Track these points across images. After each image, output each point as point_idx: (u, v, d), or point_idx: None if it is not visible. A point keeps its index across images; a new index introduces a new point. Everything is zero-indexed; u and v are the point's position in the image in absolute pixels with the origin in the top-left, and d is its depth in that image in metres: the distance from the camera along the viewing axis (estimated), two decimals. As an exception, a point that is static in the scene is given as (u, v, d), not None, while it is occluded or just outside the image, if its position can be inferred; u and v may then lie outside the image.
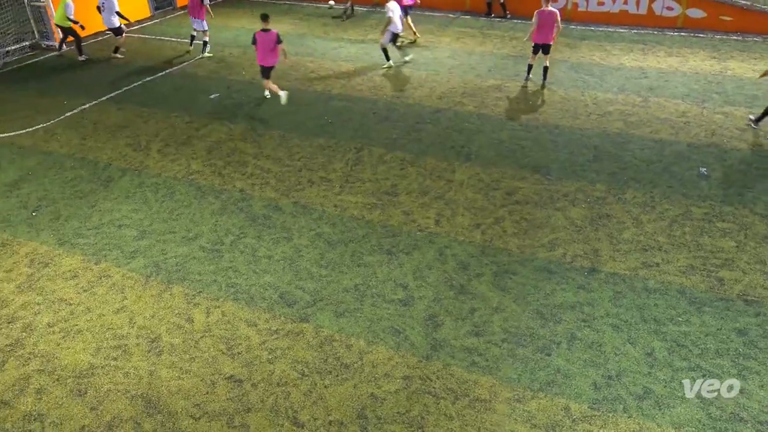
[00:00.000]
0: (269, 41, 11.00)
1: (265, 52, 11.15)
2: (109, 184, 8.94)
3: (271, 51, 11.16)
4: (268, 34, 10.97)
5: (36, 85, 13.06)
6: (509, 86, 12.72)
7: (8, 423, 5.11)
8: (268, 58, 11.24)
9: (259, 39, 11.06)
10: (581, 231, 7.70)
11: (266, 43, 11.00)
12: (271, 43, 11.00)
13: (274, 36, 10.99)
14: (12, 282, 6.85)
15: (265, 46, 11.04)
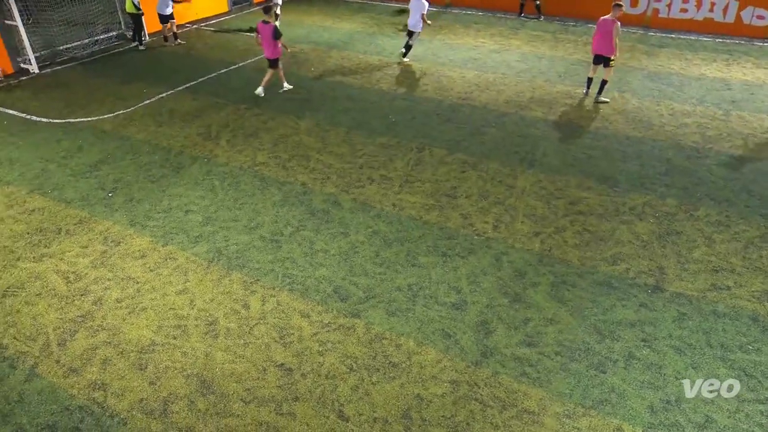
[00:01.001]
0: (267, 34, 11.22)
1: (264, 42, 11.46)
2: (180, 171, 9.35)
3: (270, 43, 11.33)
4: (266, 26, 11.16)
5: (119, 74, 13.82)
6: (580, 93, 12.35)
7: (75, 389, 5.44)
8: (268, 50, 11.55)
9: (260, 30, 11.37)
10: (647, 247, 7.38)
11: (264, 35, 11.32)
12: (267, 35, 11.22)
13: (271, 30, 11.15)
14: (87, 257, 7.29)
15: (263, 38, 11.37)
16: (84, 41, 15.49)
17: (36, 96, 12.47)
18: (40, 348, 5.90)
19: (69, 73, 13.92)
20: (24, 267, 7.10)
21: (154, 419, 5.13)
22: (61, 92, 12.67)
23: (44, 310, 6.41)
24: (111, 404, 5.28)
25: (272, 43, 11.27)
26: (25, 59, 13.86)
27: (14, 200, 8.51)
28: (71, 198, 8.56)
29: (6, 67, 13.66)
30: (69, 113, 11.54)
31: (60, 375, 5.58)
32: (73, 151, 9.97)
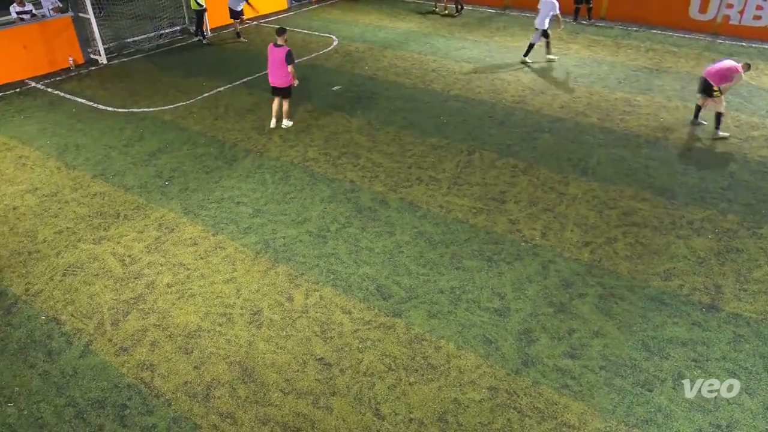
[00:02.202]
0: (278, 58, 9.81)
1: (274, 68, 9.99)
2: (233, 163, 9.59)
3: (280, 69, 9.91)
4: (278, 49, 9.76)
5: (181, 67, 14.31)
6: (639, 100, 11.94)
7: (125, 368, 5.68)
8: (278, 76, 10.05)
9: (270, 54, 9.94)
10: (704, 263, 7.07)
11: (276, 58, 9.85)
12: (279, 59, 9.79)
13: (284, 54, 9.72)
14: (142, 242, 7.58)
15: (274, 62, 9.91)
16: (150, 35, 16.13)
17: (103, 86, 13.07)
18: (94, 326, 6.19)
19: (134, 65, 14.51)
20: (84, 248, 7.46)
21: (197, 403, 5.29)
22: (126, 83, 13.23)
23: (100, 290, 6.71)
24: (157, 385, 5.48)
25: (283, 69, 9.90)
26: (95, 50, 14.56)
27: (79, 184, 8.95)
28: (131, 184, 8.93)
29: (77, 58, 14.37)
30: (132, 103, 12.04)
31: (112, 353, 5.84)
32: (134, 140, 10.39)
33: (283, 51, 9.68)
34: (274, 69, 9.97)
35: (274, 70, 10.00)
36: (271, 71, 10.05)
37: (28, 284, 6.82)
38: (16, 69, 13.28)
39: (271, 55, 9.90)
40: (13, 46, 13.14)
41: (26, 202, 8.49)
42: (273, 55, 9.86)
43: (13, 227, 7.91)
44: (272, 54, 9.88)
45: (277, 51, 9.78)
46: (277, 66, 9.88)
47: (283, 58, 9.74)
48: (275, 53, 9.82)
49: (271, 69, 10.02)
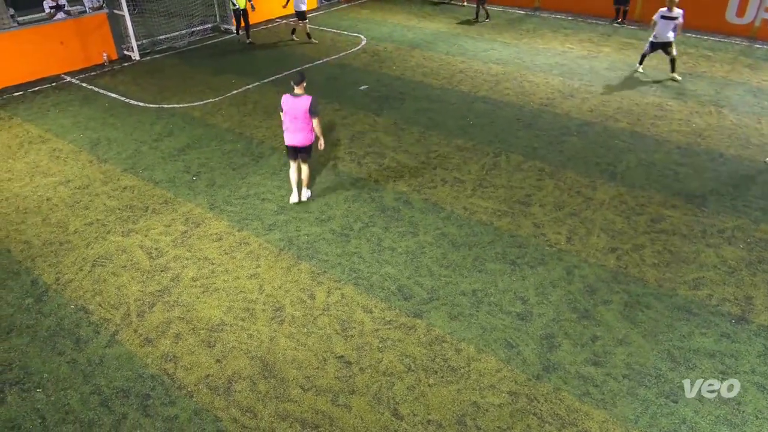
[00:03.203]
0: (300, 111, 7.60)
1: (293, 125, 7.74)
2: (260, 160, 9.69)
3: (302, 125, 7.71)
4: (298, 100, 7.58)
5: (211, 64, 14.51)
6: (671, 105, 11.70)
7: (149, 359, 5.78)
8: (298, 134, 7.79)
9: (286, 107, 7.68)
10: (734, 273, 6.89)
11: (295, 112, 7.64)
12: (301, 113, 7.62)
13: (307, 104, 7.57)
14: (169, 236, 7.72)
15: (294, 117, 7.67)
16: (181, 32, 16.40)
17: (135, 81, 13.34)
18: (121, 316, 6.32)
19: (166, 62, 14.77)
20: (113, 240, 7.62)
21: (218, 396, 5.36)
22: (158, 79, 13.47)
23: (128, 281, 6.85)
24: (180, 377, 5.57)
25: (306, 124, 7.71)
26: (129, 47, 14.86)
27: (110, 177, 9.15)
28: (159, 179, 9.09)
29: (111, 53, 14.70)
30: (163, 99, 12.26)
31: (137, 344, 5.95)
32: (164, 135, 10.58)
33: (305, 102, 7.58)
34: (293, 124, 7.73)
35: (293, 126, 7.75)
36: (289, 127, 7.78)
37: (59, 274, 7.00)
38: (53, 64, 13.65)
39: (287, 108, 7.66)
40: (50, 42, 13.50)
41: (59, 194, 8.71)
42: (291, 108, 7.63)
43: (46, 218, 8.12)
44: (289, 106, 7.64)
45: (296, 102, 7.59)
46: (298, 120, 7.67)
47: (306, 111, 7.60)
48: (294, 105, 7.60)
49: (289, 124, 7.76)
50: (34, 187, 8.92)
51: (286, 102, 7.67)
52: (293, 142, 7.89)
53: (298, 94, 7.61)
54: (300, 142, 7.87)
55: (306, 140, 7.88)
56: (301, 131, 7.78)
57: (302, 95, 7.61)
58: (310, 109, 7.60)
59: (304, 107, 7.58)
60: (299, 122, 7.68)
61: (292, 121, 7.71)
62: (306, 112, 7.61)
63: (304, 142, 7.90)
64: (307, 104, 7.59)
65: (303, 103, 7.58)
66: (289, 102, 7.65)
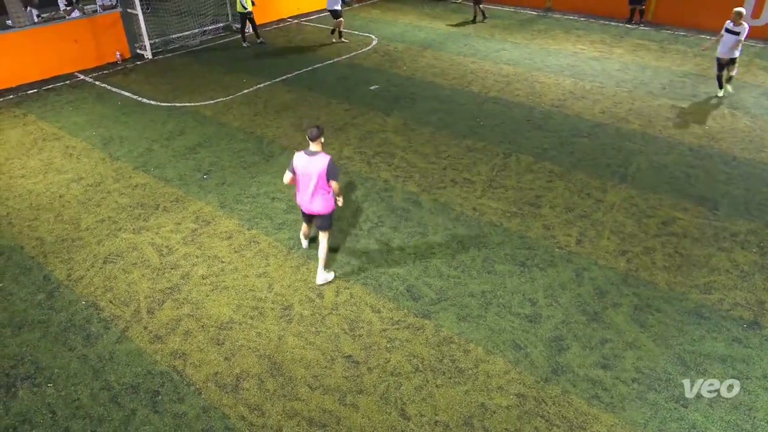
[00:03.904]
0: (315, 173, 6.15)
1: (308, 188, 6.30)
2: (270, 159, 9.73)
3: (319, 189, 6.28)
4: (313, 159, 6.15)
5: (223, 63, 14.59)
6: (684, 107, 11.60)
7: (159, 355, 5.82)
8: (315, 200, 6.36)
9: (299, 167, 6.24)
10: (747, 278, 6.82)
11: (310, 175, 6.19)
12: (317, 176, 6.17)
13: (324, 166, 6.14)
14: (179, 234, 7.77)
15: (309, 180, 6.23)
16: (194, 31, 16.50)
17: (147, 80, 13.44)
18: (131, 313, 6.37)
19: (178, 61, 14.87)
20: (124, 237, 7.68)
21: (226, 393, 5.39)
22: (170, 78, 13.57)
23: (138, 278, 6.91)
24: (189, 374, 5.60)
25: (322, 188, 6.29)
26: (141, 45, 14.98)
27: (121, 175, 9.23)
28: (170, 177, 9.15)
29: (124, 52, 14.82)
30: (174, 98, 12.34)
31: (146, 340, 6.00)
32: (175, 134, 10.65)
33: (321, 162, 6.14)
34: (307, 188, 6.30)
35: (307, 190, 6.32)
36: (303, 191, 6.37)
37: (70, 270, 7.07)
38: (67, 62, 13.79)
39: (300, 168, 6.24)
40: (65, 41, 13.64)
41: (71, 191, 8.80)
42: (304, 169, 6.21)
43: (59, 214, 8.21)
44: (303, 166, 6.21)
45: (310, 162, 6.17)
46: (313, 184, 6.24)
47: (322, 173, 6.16)
48: (308, 165, 6.18)
49: (303, 189, 6.36)
50: (47, 184, 9.02)
51: (298, 161, 6.21)
52: (309, 210, 6.47)
53: (313, 151, 6.17)
54: (317, 209, 6.41)
55: (324, 208, 6.40)
56: (318, 197, 6.32)
57: (318, 153, 6.17)
58: (328, 172, 6.14)
59: (321, 169, 6.12)
60: (315, 186, 6.24)
61: (306, 186, 6.28)
62: (323, 176, 6.16)
63: (322, 210, 6.43)
64: (324, 166, 6.11)
65: (319, 163, 6.12)
66: (302, 161, 6.19)
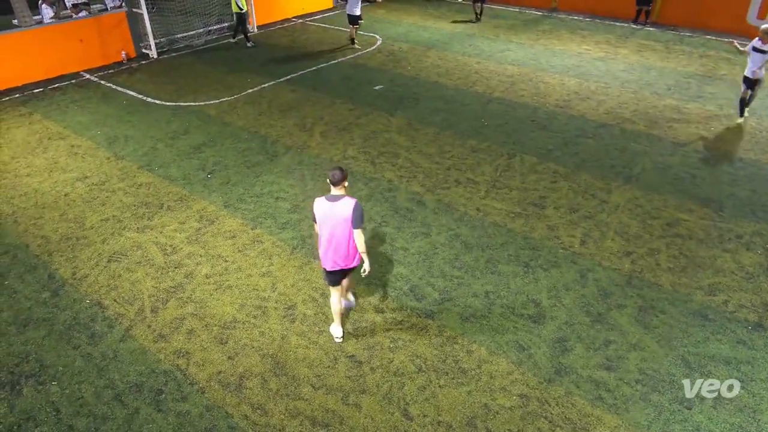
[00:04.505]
0: (339, 220, 5.29)
1: (332, 241, 5.40)
2: (274, 159, 9.74)
3: (344, 239, 5.39)
4: (336, 205, 5.29)
5: (227, 63, 14.61)
6: (689, 108, 11.56)
7: (162, 354, 5.84)
8: (340, 253, 5.45)
9: (320, 215, 5.37)
10: (752, 279, 6.79)
11: (334, 223, 5.32)
12: (341, 223, 5.30)
13: (349, 212, 5.27)
14: (183, 233, 7.78)
15: (333, 229, 5.34)
16: (198, 31, 16.54)
17: (152, 79, 13.47)
18: (135, 312, 6.38)
19: (183, 60, 14.90)
20: (128, 236, 7.70)
21: (230, 392, 5.40)
22: (175, 77, 13.60)
23: (142, 277, 6.92)
24: (192, 373, 5.61)
25: (347, 237, 5.39)
26: (147, 45, 15.02)
27: (126, 174, 9.25)
28: (175, 176, 9.17)
29: (130, 51, 14.86)
30: (179, 97, 12.37)
31: (150, 339, 6.01)
32: (180, 133, 10.67)
33: (346, 207, 5.27)
34: (332, 240, 5.40)
35: (331, 243, 5.41)
36: (326, 244, 5.45)
37: (75, 268, 7.09)
38: (72, 61, 13.83)
39: (322, 216, 5.37)
40: (70, 40, 13.69)
41: (76, 190, 8.83)
42: (327, 216, 5.34)
43: (64, 213, 8.24)
44: (324, 213, 5.35)
45: (333, 208, 5.30)
46: (338, 234, 5.36)
47: (347, 220, 5.29)
48: (331, 212, 5.31)
49: (326, 241, 5.43)
50: (52, 182, 9.05)
51: (319, 208, 5.34)
52: (334, 266, 5.53)
53: (336, 195, 5.30)
54: (342, 263, 5.51)
55: (350, 260, 5.53)
56: (344, 249, 5.42)
57: (342, 197, 5.29)
58: (353, 218, 5.26)
59: (345, 215, 5.25)
60: (340, 237, 5.35)
61: (331, 237, 5.37)
62: (347, 222, 5.27)
63: (348, 263, 5.54)
64: (349, 212, 5.24)
65: (343, 209, 5.25)
66: (323, 208, 5.32)
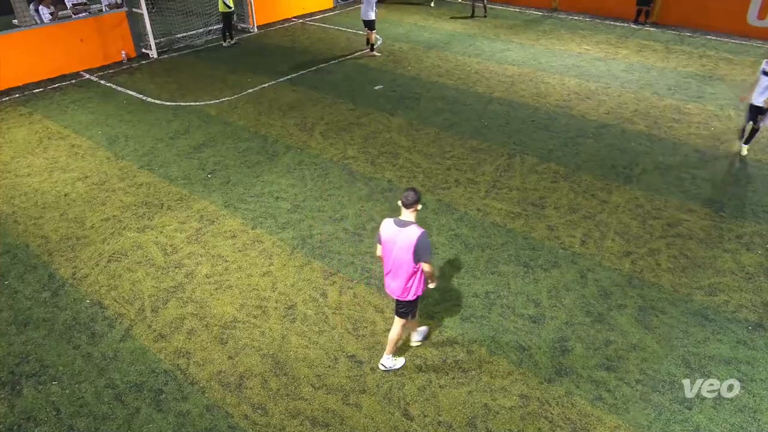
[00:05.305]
0: (402, 248, 4.92)
1: (391, 264, 5.10)
2: (274, 158, 9.74)
3: (400, 267, 5.04)
4: (403, 231, 4.90)
5: (228, 62, 14.60)
6: (690, 108, 11.56)
7: (162, 354, 5.84)
8: (397, 280, 5.13)
9: (385, 237, 5.03)
10: (752, 280, 6.79)
11: (395, 249, 4.97)
12: (403, 251, 4.92)
13: (413, 242, 4.84)
14: (184, 232, 7.78)
15: (392, 254, 5.02)
16: (198, 31, 16.53)
17: (152, 79, 13.47)
18: (135, 312, 6.38)
19: (183, 60, 14.90)
20: (129, 236, 7.70)
21: (230, 392, 5.40)
22: (175, 77, 13.59)
23: (142, 277, 6.92)
24: (192, 372, 5.61)
25: (409, 268, 5.01)
26: (147, 45, 15.01)
27: (126, 174, 9.25)
28: (175, 176, 9.17)
29: (130, 51, 14.86)
30: (179, 97, 12.36)
31: (151, 339, 6.01)
32: (180, 133, 10.67)
33: (410, 235, 4.87)
34: (392, 265, 5.09)
35: (392, 268, 5.11)
36: (388, 268, 5.16)
37: (75, 268, 7.09)
38: (73, 61, 13.83)
39: (386, 239, 5.02)
40: (71, 40, 13.69)
41: (77, 190, 8.83)
42: (390, 240, 4.99)
43: (64, 213, 8.24)
44: (389, 236, 4.99)
45: (399, 234, 4.92)
46: (398, 262, 5.02)
47: (409, 252, 4.90)
48: (395, 237, 4.95)
49: (389, 264, 5.12)
50: (52, 182, 9.05)
51: (385, 230, 5.00)
52: (390, 292, 5.28)
53: (405, 221, 4.91)
54: (396, 293, 5.19)
55: (405, 293, 5.14)
56: (401, 279, 5.08)
57: (410, 224, 4.89)
58: (416, 251, 4.86)
59: (409, 244, 4.85)
60: (399, 265, 5.01)
61: (392, 262, 5.06)
62: (409, 253, 4.88)
63: (402, 296, 5.17)
64: (413, 243, 4.83)
65: (408, 237, 4.86)
66: (390, 231, 4.96)
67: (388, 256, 5.07)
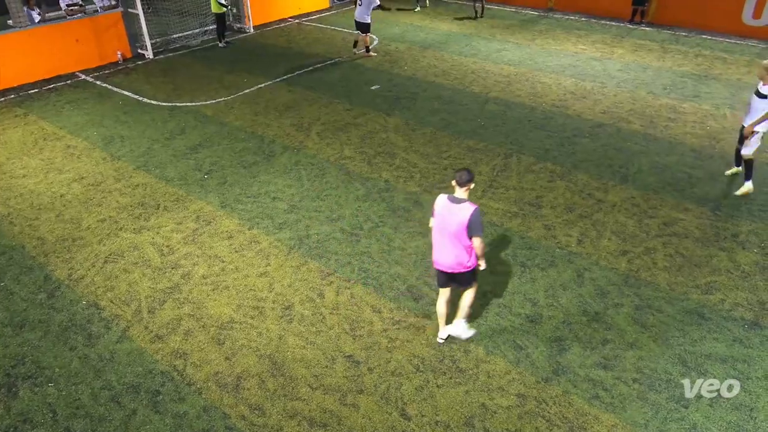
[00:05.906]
0: (454, 224, 5.22)
1: (442, 239, 5.39)
2: (271, 159, 9.73)
3: (455, 242, 5.31)
4: (456, 207, 5.23)
5: (224, 63, 14.58)
6: (685, 107, 11.59)
7: (159, 355, 5.82)
8: (449, 254, 5.40)
9: (438, 212, 5.38)
10: (748, 278, 6.82)
11: (447, 224, 5.28)
12: (455, 227, 5.22)
13: (466, 218, 5.16)
14: (180, 233, 7.77)
15: (444, 229, 5.32)
16: (194, 31, 16.50)
17: (148, 80, 13.44)
18: (132, 313, 6.37)
19: (179, 60, 14.87)
20: (125, 237, 7.69)
21: (227, 393, 5.39)
22: (171, 77, 13.57)
23: (139, 278, 6.91)
24: (189, 373, 5.60)
25: (462, 243, 5.29)
26: (143, 45, 14.98)
27: (122, 174, 9.23)
28: (171, 176, 9.15)
29: (125, 52, 14.82)
30: (176, 97, 12.34)
31: (147, 340, 6.00)
32: (176, 133, 10.65)
33: (464, 212, 5.18)
34: (442, 239, 5.39)
35: (441, 241, 5.40)
36: (438, 241, 5.45)
37: (71, 270, 7.07)
38: (68, 62, 13.79)
39: (439, 215, 5.35)
40: (66, 40, 13.65)
41: (72, 191, 8.80)
42: (443, 216, 5.31)
43: (60, 214, 8.21)
44: (442, 212, 5.32)
45: (452, 210, 5.24)
46: (450, 235, 5.29)
47: (463, 226, 5.19)
48: (448, 213, 5.26)
49: (438, 237, 5.43)
50: (48, 183, 9.02)
51: (439, 205, 5.34)
52: (443, 266, 5.49)
53: (458, 198, 5.23)
54: (451, 266, 5.42)
55: (460, 265, 5.40)
56: (454, 250, 5.33)
57: (463, 201, 5.22)
58: (469, 226, 5.16)
59: (462, 221, 5.15)
60: (451, 238, 5.28)
61: (441, 234, 5.36)
62: (463, 228, 5.18)
63: (458, 268, 5.42)
64: (467, 218, 5.14)
65: (461, 214, 5.16)
66: (443, 207, 5.29)
67: (441, 231, 5.38)
